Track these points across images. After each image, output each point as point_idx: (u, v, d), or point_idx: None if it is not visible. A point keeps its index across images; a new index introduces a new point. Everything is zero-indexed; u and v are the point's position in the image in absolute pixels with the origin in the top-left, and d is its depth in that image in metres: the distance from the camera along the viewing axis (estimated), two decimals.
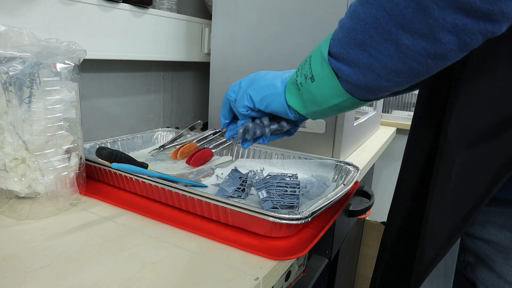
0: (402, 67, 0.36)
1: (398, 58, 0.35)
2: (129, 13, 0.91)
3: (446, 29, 0.31)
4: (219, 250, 0.49)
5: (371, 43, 0.36)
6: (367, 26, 0.36)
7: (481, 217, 0.46)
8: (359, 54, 0.38)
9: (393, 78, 0.37)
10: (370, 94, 0.42)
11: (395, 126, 1.60)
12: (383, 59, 0.36)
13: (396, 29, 0.33)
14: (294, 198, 0.60)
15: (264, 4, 0.89)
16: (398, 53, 0.35)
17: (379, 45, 0.36)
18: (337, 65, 0.41)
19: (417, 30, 0.32)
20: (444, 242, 0.42)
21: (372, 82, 0.39)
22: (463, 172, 0.41)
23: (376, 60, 0.37)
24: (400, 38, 0.34)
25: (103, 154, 0.65)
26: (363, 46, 0.37)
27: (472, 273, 0.48)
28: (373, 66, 0.38)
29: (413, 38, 0.33)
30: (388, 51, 0.35)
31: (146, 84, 1.08)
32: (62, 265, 0.43)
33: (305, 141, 0.90)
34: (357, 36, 0.37)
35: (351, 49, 0.39)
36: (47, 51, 0.53)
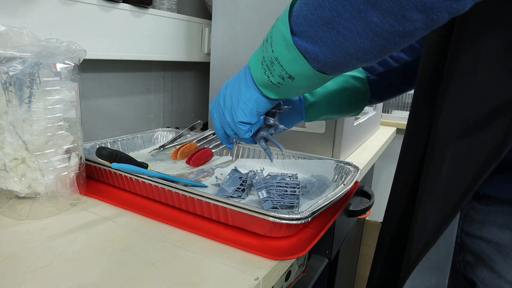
0: (371, 44, 0.36)
1: (366, 36, 0.35)
2: (129, 13, 0.91)
3: (415, 8, 0.31)
4: (219, 250, 0.49)
5: (339, 21, 0.35)
6: (335, 3, 0.35)
7: (481, 216, 0.46)
8: (327, 32, 0.37)
9: (361, 55, 0.37)
10: (338, 70, 0.42)
11: (395, 126, 1.60)
12: (352, 37, 0.36)
13: (366, 6, 0.33)
14: (294, 198, 0.60)
15: (264, 4, 0.89)
16: (367, 31, 0.35)
17: (347, 22, 0.35)
18: (304, 46, 0.40)
19: (387, 8, 0.32)
20: (434, 231, 0.43)
21: (341, 60, 0.39)
22: (453, 164, 0.42)
23: (344, 38, 0.36)
24: (369, 16, 0.33)
25: (103, 154, 0.65)
26: (331, 24, 0.36)
27: (472, 272, 0.48)
28: (341, 44, 0.37)
29: (382, 16, 0.33)
30: (357, 29, 0.35)
31: (146, 84, 1.08)
32: (62, 265, 0.43)
33: (305, 141, 0.90)
34: (324, 13, 0.36)
35: (319, 27, 0.38)
36: (47, 51, 0.53)
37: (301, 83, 0.45)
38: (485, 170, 0.38)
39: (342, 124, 0.86)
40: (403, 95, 1.84)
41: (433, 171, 0.44)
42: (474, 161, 0.39)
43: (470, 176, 0.40)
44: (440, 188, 0.43)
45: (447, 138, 0.42)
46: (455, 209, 0.41)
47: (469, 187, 0.40)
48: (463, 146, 0.41)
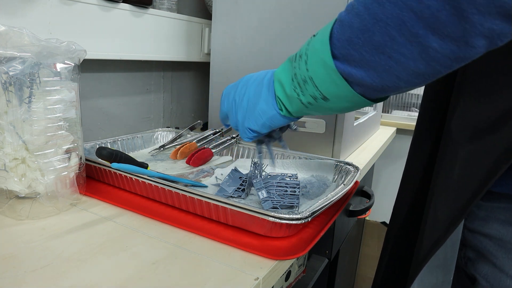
0: (425, 69, 0.34)
1: (422, 61, 0.33)
2: (129, 13, 0.91)
3: (482, 35, 0.30)
4: (219, 250, 0.49)
5: (392, 46, 0.34)
6: (388, 27, 0.33)
7: (483, 213, 0.46)
8: (376, 57, 0.35)
9: (412, 79, 0.36)
10: (383, 94, 0.40)
11: (395, 126, 1.60)
12: (405, 61, 0.34)
13: (425, 32, 0.31)
14: (294, 198, 0.60)
15: (264, 4, 0.89)
16: (424, 56, 0.33)
17: (402, 47, 0.33)
18: (346, 70, 0.39)
19: (449, 34, 0.31)
20: (444, 230, 0.43)
21: (389, 84, 0.37)
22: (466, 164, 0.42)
23: (396, 63, 0.35)
24: (428, 41, 0.32)
25: (103, 154, 0.65)
26: (381, 48, 0.35)
27: (473, 268, 0.48)
28: (392, 69, 0.35)
29: (442, 42, 0.31)
30: (412, 53, 0.33)
31: (146, 84, 1.08)
32: (62, 265, 0.43)
33: (305, 141, 0.90)
34: (374, 38, 0.34)
35: (366, 51, 0.36)
36: (47, 51, 0.53)
37: (335, 104, 0.43)
38: (496, 171, 0.39)
39: (342, 124, 0.86)
40: (403, 95, 1.84)
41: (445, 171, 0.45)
42: (485, 162, 0.40)
43: (481, 176, 0.40)
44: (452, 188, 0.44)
45: (460, 139, 0.43)
46: (465, 208, 0.42)
47: (480, 187, 0.40)
48: (476, 147, 0.41)
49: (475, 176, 0.41)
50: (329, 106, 0.44)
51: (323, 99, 0.43)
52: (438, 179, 0.46)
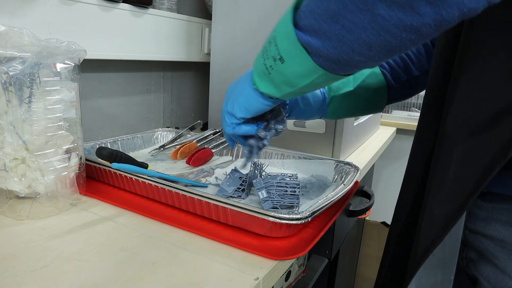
0: (376, 39, 0.34)
1: (372, 30, 0.34)
2: (129, 13, 0.91)
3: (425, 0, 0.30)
4: (219, 250, 0.49)
5: (345, 14, 0.34)
6: None
7: (485, 214, 0.46)
8: (332, 26, 0.36)
9: (365, 51, 0.36)
10: (341, 69, 0.41)
11: (395, 126, 1.60)
12: (357, 31, 0.35)
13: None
14: (294, 198, 0.60)
15: (264, 4, 0.89)
16: (373, 25, 0.33)
17: (353, 15, 0.34)
18: (306, 39, 0.39)
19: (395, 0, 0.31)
20: (441, 229, 0.43)
21: (344, 56, 0.38)
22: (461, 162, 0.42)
23: (349, 32, 0.35)
24: (376, 8, 0.32)
25: (103, 154, 0.65)
26: (336, 17, 0.35)
27: (475, 269, 0.48)
28: (345, 39, 0.36)
29: (389, 9, 0.32)
30: (363, 22, 0.34)
31: (146, 84, 1.08)
32: (62, 265, 0.43)
33: (305, 141, 0.90)
34: (330, 6, 0.35)
35: (323, 20, 0.37)
36: (47, 51, 0.53)
37: (290, 68, 0.43)
38: (492, 169, 0.39)
39: (342, 124, 0.86)
40: None
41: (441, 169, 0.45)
42: (481, 160, 0.40)
43: (477, 174, 0.40)
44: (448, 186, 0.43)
45: (455, 137, 0.43)
46: (462, 207, 0.41)
47: (476, 185, 0.40)
48: (471, 145, 0.41)
49: (470, 174, 0.41)
50: (287, 71, 0.44)
51: (280, 60, 0.43)
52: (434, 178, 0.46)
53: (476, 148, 0.41)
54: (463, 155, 0.42)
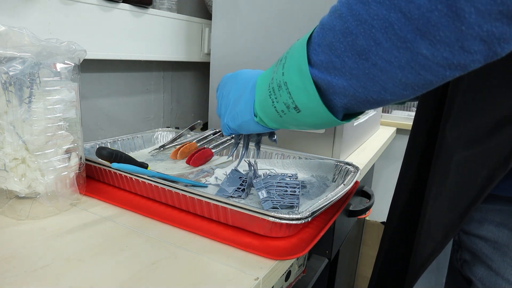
0: (414, 79, 0.30)
1: (411, 70, 0.30)
2: (129, 13, 0.91)
3: (479, 38, 0.26)
4: (219, 250, 0.49)
5: (377, 51, 0.30)
6: (373, 29, 0.29)
7: (479, 215, 0.46)
8: (360, 63, 0.32)
9: (400, 91, 0.32)
10: (367, 107, 0.37)
11: (395, 126, 1.60)
12: (392, 70, 0.30)
13: (414, 35, 0.28)
14: (294, 198, 0.60)
15: (264, 4, 0.89)
16: (412, 64, 0.29)
17: (388, 53, 0.30)
18: (325, 78, 0.35)
19: (441, 38, 0.27)
20: (440, 239, 0.43)
21: (374, 96, 0.33)
22: (460, 171, 0.42)
23: (382, 72, 0.31)
24: (417, 46, 0.28)
25: (103, 154, 0.65)
26: (365, 54, 0.31)
27: (469, 270, 0.48)
28: (377, 78, 0.32)
29: (433, 48, 0.28)
30: (400, 61, 0.30)
31: (146, 84, 1.08)
32: (62, 265, 0.43)
33: (305, 141, 0.90)
34: (357, 42, 0.31)
35: (347, 57, 0.32)
36: (47, 51, 0.53)
37: (307, 118, 0.40)
38: (492, 180, 0.38)
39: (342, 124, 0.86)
40: None
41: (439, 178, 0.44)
42: (481, 170, 0.39)
43: (477, 185, 0.39)
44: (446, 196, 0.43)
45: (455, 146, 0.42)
46: (462, 218, 0.41)
47: (476, 197, 0.39)
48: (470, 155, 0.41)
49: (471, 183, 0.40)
50: (302, 120, 0.41)
51: (295, 109, 0.39)
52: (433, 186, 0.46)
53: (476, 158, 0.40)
54: (462, 165, 0.41)
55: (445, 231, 0.42)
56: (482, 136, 0.40)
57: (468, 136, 0.41)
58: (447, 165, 0.43)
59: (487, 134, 0.39)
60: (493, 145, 0.39)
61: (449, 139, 0.43)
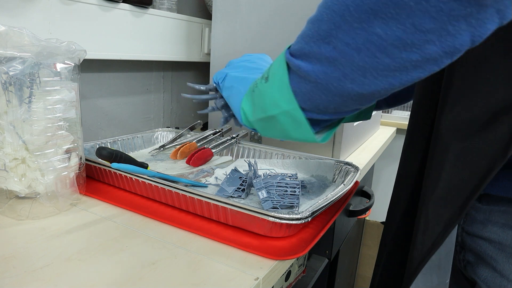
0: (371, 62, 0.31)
1: (367, 51, 0.30)
2: (129, 13, 0.91)
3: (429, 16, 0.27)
4: (219, 250, 0.49)
5: (337, 34, 0.31)
6: (333, 14, 0.31)
7: (482, 216, 0.46)
8: (322, 47, 0.33)
9: (358, 77, 0.32)
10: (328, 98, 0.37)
11: (395, 126, 1.60)
12: (349, 52, 0.31)
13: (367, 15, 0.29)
14: (294, 198, 0.60)
15: (264, 4, 0.89)
16: (368, 45, 0.30)
17: (345, 35, 0.31)
18: (295, 62, 0.36)
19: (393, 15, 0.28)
20: (439, 232, 0.42)
21: (334, 82, 0.34)
22: (457, 163, 0.41)
23: (341, 54, 0.32)
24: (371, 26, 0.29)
25: (103, 154, 0.65)
26: (327, 38, 0.32)
27: (473, 272, 0.48)
28: (336, 62, 0.32)
29: (386, 26, 0.28)
30: (356, 42, 0.30)
31: (146, 84, 1.08)
32: (62, 265, 0.43)
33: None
34: (321, 27, 0.32)
35: (314, 42, 0.34)
36: (47, 51, 0.53)
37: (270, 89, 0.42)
38: (490, 171, 0.38)
39: (342, 124, 0.86)
40: None
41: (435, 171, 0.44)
42: (479, 162, 0.39)
43: (475, 177, 0.39)
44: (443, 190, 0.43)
45: (450, 138, 0.42)
46: (461, 211, 0.41)
47: (475, 188, 0.39)
48: (467, 146, 0.40)
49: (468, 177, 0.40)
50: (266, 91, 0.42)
51: (265, 80, 0.42)
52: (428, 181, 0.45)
53: (473, 149, 0.40)
54: (458, 157, 0.41)
55: (444, 224, 0.42)
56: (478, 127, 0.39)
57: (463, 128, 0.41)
58: (444, 158, 0.43)
59: (484, 125, 0.39)
60: (490, 136, 0.38)
61: (444, 131, 0.43)
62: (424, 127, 0.50)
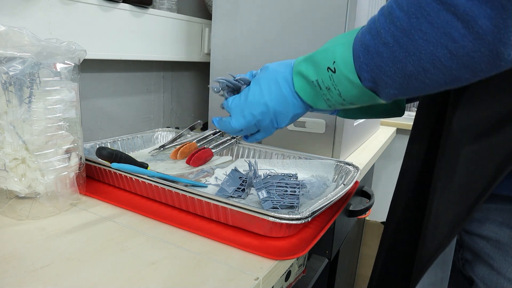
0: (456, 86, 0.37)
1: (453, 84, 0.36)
2: (129, 13, 0.91)
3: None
4: (219, 250, 0.49)
5: (425, 75, 0.36)
6: (421, 61, 0.35)
7: (480, 214, 0.46)
8: (409, 82, 0.38)
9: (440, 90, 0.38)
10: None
11: (395, 126, 1.60)
12: (437, 86, 0.37)
13: (459, 67, 0.34)
14: (294, 198, 0.60)
15: (264, 4, 0.89)
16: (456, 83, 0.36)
17: (435, 76, 0.36)
18: (375, 88, 0.41)
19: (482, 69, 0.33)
20: (448, 232, 0.42)
21: (419, 95, 0.41)
22: (468, 165, 0.42)
23: (429, 87, 0.37)
24: (460, 74, 0.34)
25: (103, 154, 0.65)
26: (415, 76, 0.37)
27: (471, 270, 0.48)
28: (425, 90, 0.38)
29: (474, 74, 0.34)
30: (445, 81, 0.36)
31: (146, 84, 1.08)
32: (62, 265, 0.43)
33: (305, 141, 0.90)
34: (407, 68, 0.36)
35: (399, 77, 0.38)
36: (47, 51, 0.53)
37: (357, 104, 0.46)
38: (501, 172, 0.38)
39: (342, 124, 0.86)
40: None
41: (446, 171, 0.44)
42: (489, 163, 0.39)
43: (485, 178, 0.40)
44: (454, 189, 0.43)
45: (462, 138, 0.42)
46: (470, 211, 0.41)
47: (485, 189, 0.39)
48: (479, 147, 0.41)
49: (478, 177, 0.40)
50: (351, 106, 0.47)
51: (351, 104, 0.46)
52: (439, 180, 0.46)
53: (484, 150, 0.40)
54: (471, 157, 0.41)
55: (452, 224, 0.42)
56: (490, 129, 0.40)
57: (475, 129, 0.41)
58: (455, 159, 0.43)
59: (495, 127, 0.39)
60: (501, 138, 0.39)
61: (455, 133, 0.43)
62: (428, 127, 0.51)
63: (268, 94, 0.51)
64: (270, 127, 0.54)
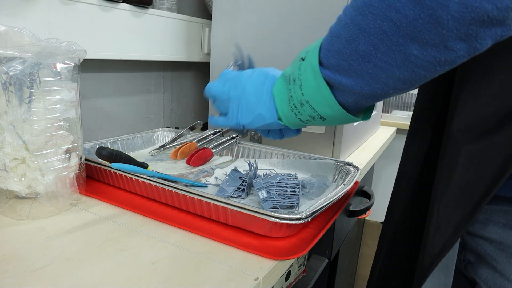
0: (410, 75, 0.36)
1: (406, 68, 0.35)
2: (129, 13, 0.91)
3: (459, 38, 0.31)
4: (219, 250, 0.49)
5: (376, 54, 0.36)
6: (371, 37, 0.35)
7: (483, 216, 0.46)
8: (363, 65, 0.37)
9: (399, 85, 0.38)
10: (374, 100, 0.43)
11: (395, 126, 1.60)
12: (390, 69, 0.36)
13: (405, 40, 0.33)
14: (294, 198, 0.60)
15: (264, 4, 0.89)
16: (407, 63, 0.35)
17: (385, 55, 0.35)
18: (336, 78, 0.41)
19: (428, 40, 0.32)
20: (450, 234, 0.42)
21: (378, 91, 0.39)
22: (469, 165, 0.41)
23: (382, 71, 0.37)
24: (409, 48, 0.34)
25: (103, 154, 0.65)
26: (367, 57, 0.37)
27: (473, 272, 0.48)
28: (379, 77, 0.37)
29: (422, 49, 0.33)
30: (396, 61, 0.35)
31: (146, 84, 1.08)
32: (62, 265, 0.43)
33: (305, 141, 0.90)
34: (359, 47, 0.37)
35: (353, 60, 0.38)
36: (47, 51, 0.53)
37: (332, 123, 0.46)
38: (503, 173, 0.38)
39: (342, 124, 0.86)
40: (403, 95, 1.84)
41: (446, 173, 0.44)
42: (491, 164, 0.39)
43: (487, 179, 0.39)
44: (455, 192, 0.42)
45: (462, 139, 0.42)
46: (473, 213, 0.40)
47: (487, 191, 0.39)
48: (479, 148, 0.40)
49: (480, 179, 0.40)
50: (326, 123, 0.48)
51: (321, 119, 0.46)
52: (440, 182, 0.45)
53: (485, 151, 0.40)
54: (471, 159, 0.41)
55: (455, 227, 0.42)
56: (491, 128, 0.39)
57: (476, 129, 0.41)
58: (455, 160, 0.42)
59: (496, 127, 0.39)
60: (502, 138, 0.38)
61: (456, 132, 0.43)
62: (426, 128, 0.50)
63: (252, 83, 0.54)
64: (234, 114, 0.55)
